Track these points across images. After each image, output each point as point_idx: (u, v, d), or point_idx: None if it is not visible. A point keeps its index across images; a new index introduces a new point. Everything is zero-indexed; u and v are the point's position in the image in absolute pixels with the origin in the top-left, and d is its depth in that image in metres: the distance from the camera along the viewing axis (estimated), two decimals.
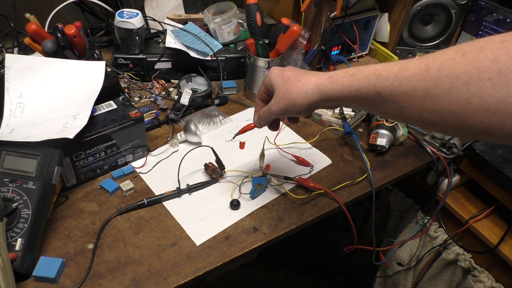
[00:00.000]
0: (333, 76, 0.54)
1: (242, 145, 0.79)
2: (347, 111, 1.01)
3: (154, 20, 1.10)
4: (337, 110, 1.02)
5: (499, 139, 0.41)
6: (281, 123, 0.98)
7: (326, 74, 0.55)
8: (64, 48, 0.89)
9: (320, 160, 0.92)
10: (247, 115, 1.02)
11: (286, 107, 0.60)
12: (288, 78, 0.59)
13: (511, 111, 0.38)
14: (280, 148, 0.93)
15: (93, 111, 0.79)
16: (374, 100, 0.49)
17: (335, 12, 1.02)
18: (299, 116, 0.65)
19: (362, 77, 0.50)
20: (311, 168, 0.89)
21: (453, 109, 0.42)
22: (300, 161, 0.90)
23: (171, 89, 1.06)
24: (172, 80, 1.09)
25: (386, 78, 0.47)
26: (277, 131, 0.70)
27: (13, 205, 0.65)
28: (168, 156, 0.89)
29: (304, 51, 1.06)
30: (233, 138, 0.80)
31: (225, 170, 0.84)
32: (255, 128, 0.72)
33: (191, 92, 0.99)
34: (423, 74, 0.43)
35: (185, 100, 0.97)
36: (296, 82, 0.58)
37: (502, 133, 0.40)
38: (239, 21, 1.14)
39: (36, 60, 0.82)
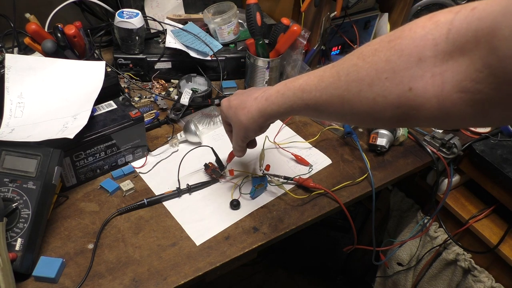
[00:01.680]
0: (269, 97, 0.59)
1: (231, 172, 0.84)
2: None
3: (154, 20, 1.10)
4: None
5: (411, 126, 0.48)
6: (281, 123, 0.99)
7: (264, 96, 0.61)
8: (64, 48, 0.89)
9: (320, 160, 0.92)
10: None
11: (244, 134, 0.67)
12: (236, 108, 0.65)
13: (411, 104, 0.42)
14: (280, 147, 0.93)
15: (93, 111, 0.79)
16: (306, 110, 0.55)
17: (335, 12, 1.02)
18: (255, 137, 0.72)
19: (291, 94, 0.55)
20: (310, 168, 0.89)
21: (366, 109, 0.46)
22: (299, 160, 0.90)
23: (171, 89, 1.06)
24: (172, 80, 1.09)
25: (309, 91, 0.52)
26: (254, 146, 0.77)
27: (13, 205, 0.65)
28: (168, 156, 0.89)
29: (304, 51, 1.06)
30: (225, 167, 0.84)
31: (225, 170, 0.84)
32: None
33: (191, 92, 0.99)
34: (336, 82, 0.48)
35: (185, 100, 0.97)
36: (242, 110, 0.64)
37: (410, 122, 0.44)
38: (239, 21, 1.14)
39: (36, 60, 0.82)
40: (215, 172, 0.83)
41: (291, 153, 0.92)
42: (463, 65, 0.37)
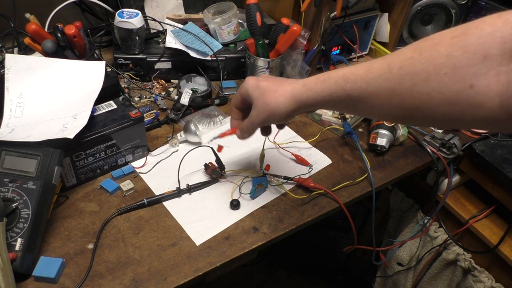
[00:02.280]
0: (307, 83, 0.56)
1: (220, 148, 0.81)
2: None
3: (154, 20, 1.10)
4: None
5: (463, 127, 0.45)
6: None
7: (300, 82, 0.58)
8: (64, 48, 0.89)
9: (320, 160, 0.92)
10: None
11: (267, 118, 0.62)
12: (265, 90, 0.61)
13: (470, 101, 0.40)
14: (280, 147, 0.93)
15: (93, 111, 0.79)
16: (346, 102, 0.52)
17: (335, 12, 1.02)
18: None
19: (332, 83, 0.53)
20: (310, 168, 0.89)
21: (417, 104, 0.44)
22: (299, 160, 0.90)
23: (171, 89, 1.06)
24: (172, 80, 1.09)
25: (354, 81, 0.50)
26: (270, 133, 0.73)
27: (13, 205, 0.65)
28: (168, 156, 0.89)
29: (304, 51, 1.06)
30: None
31: (225, 170, 0.84)
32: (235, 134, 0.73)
33: (191, 92, 0.99)
34: (387, 75, 0.46)
35: (185, 100, 0.97)
36: (273, 93, 0.60)
37: (464, 121, 0.43)
38: (239, 21, 1.14)
39: (36, 60, 0.82)
40: (215, 172, 0.83)
41: (291, 153, 0.92)
42: None
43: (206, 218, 0.77)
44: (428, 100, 0.43)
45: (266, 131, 0.73)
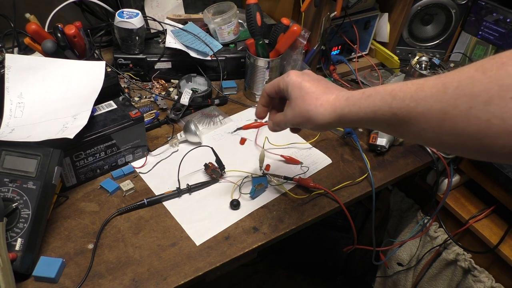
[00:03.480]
0: (350, 98, 0.52)
1: (242, 141, 0.79)
2: None
3: (154, 20, 1.10)
4: None
5: None
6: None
7: (344, 95, 0.54)
8: (64, 48, 0.89)
9: (320, 160, 0.92)
10: (247, 115, 1.02)
11: (302, 122, 0.59)
12: (306, 93, 0.57)
13: None
14: (280, 147, 0.93)
15: (93, 111, 0.79)
16: (391, 121, 0.47)
17: (335, 12, 1.02)
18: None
19: (378, 99, 0.48)
20: (301, 166, 0.89)
21: (472, 131, 0.39)
22: (288, 160, 0.90)
23: (171, 89, 1.06)
24: (172, 80, 1.09)
25: (402, 99, 0.45)
26: (298, 131, 0.70)
27: (13, 205, 0.65)
28: (168, 156, 0.89)
29: (304, 51, 1.06)
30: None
31: (225, 170, 0.84)
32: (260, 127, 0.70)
33: (191, 92, 0.99)
34: (440, 94, 0.41)
35: (185, 100, 0.97)
36: (314, 100, 0.56)
37: None
38: (239, 21, 1.14)
39: (36, 60, 0.82)
40: (215, 172, 0.83)
41: (280, 155, 0.91)
42: None
43: (206, 218, 0.77)
44: (486, 127, 0.37)
45: (296, 130, 0.68)
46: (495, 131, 0.37)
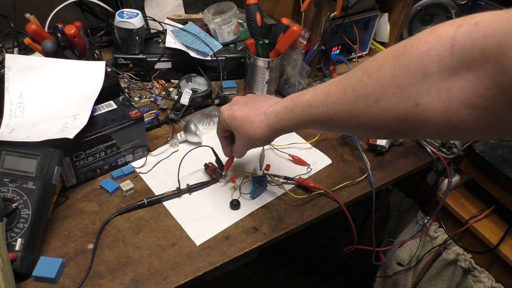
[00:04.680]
0: (278, 114, 0.60)
1: (232, 179, 0.83)
2: None
3: (154, 20, 1.10)
4: None
5: (420, 137, 0.48)
6: None
7: (272, 112, 0.61)
8: (64, 48, 0.89)
9: (320, 160, 0.92)
10: None
11: (251, 145, 0.69)
12: (242, 121, 0.65)
13: (418, 118, 0.42)
14: (279, 150, 0.93)
15: (93, 111, 0.79)
16: (315, 125, 0.56)
17: (335, 12, 1.02)
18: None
19: (299, 110, 0.56)
20: (308, 168, 0.89)
21: (373, 124, 0.47)
22: (297, 161, 0.90)
23: (171, 89, 1.06)
24: (172, 80, 1.09)
25: (317, 107, 0.53)
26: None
27: (13, 205, 0.65)
28: (168, 156, 0.89)
29: (304, 51, 1.06)
30: (224, 176, 0.85)
31: (224, 174, 0.84)
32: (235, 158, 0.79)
33: (191, 92, 0.99)
34: (343, 98, 0.49)
35: (185, 100, 0.97)
36: (250, 124, 0.64)
37: (419, 134, 0.46)
38: (239, 21, 1.14)
39: (36, 60, 0.82)
40: (215, 172, 0.83)
41: (288, 154, 0.91)
42: (470, 81, 0.37)
43: (206, 218, 0.77)
44: (381, 119, 0.45)
45: None
46: (389, 121, 0.45)
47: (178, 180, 0.81)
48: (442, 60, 0.39)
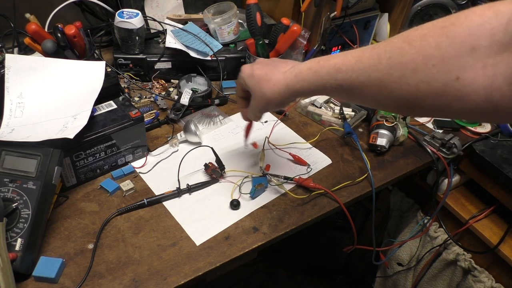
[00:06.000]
0: (299, 74, 0.57)
1: (255, 145, 0.84)
2: (347, 111, 1.01)
3: (154, 20, 1.10)
4: (337, 110, 1.02)
5: (450, 117, 0.48)
6: (281, 123, 0.98)
7: (293, 72, 0.58)
8: (64, 48, 0.89)
9: (320, 160, 0.92)
10: None
11: (265, 106, 0.65)
12: (259, 79, 0.63)
13: (456, 93, 0.41)
14: (280, 147, 0.93)
15: (93, 111, 0.79)
16: (338, 91, 0.53)
17: (335, 12, 1.02)
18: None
19: (324, 73, 0.53)
20: (308, 167, 0.89)
21: (405, 96, 0.45)
22: (297, 160, 0.90)
23: (171, 89, 1.06)
24: (172, 80, 1.09)
25: (345, 72, 0.50)
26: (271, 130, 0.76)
27: (13, 205, 0.65)
28: (168, 156, 0.89)
29: (304, 51, 1.06)
30: (246, 145, 0.86)
31: (225, 170, 0.84)
32: (254, 122, 0.77)
33: (191, 92, 0.99)
34: (376, 65, 0.47)
35: (185, 100, 0.97)
36: (267, 82, 0.61)
37: (451, 112, 0.43)
38: (239, 21, 1.14)
39: (36, 60, 0.82)
40: (215, 172, 0.83)
41: (289, 153, 0.92)
42: None
43: (206, 218, 0.77)
44: (416, 91, 0.43)
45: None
46: (423, 94, 0.43)
47: (178, 180, 0.81)
48: (494, 34, 0.38)
